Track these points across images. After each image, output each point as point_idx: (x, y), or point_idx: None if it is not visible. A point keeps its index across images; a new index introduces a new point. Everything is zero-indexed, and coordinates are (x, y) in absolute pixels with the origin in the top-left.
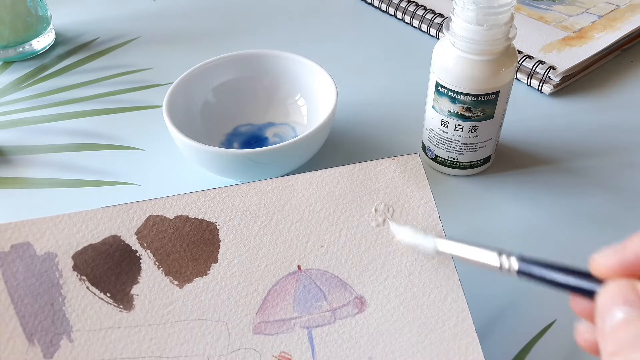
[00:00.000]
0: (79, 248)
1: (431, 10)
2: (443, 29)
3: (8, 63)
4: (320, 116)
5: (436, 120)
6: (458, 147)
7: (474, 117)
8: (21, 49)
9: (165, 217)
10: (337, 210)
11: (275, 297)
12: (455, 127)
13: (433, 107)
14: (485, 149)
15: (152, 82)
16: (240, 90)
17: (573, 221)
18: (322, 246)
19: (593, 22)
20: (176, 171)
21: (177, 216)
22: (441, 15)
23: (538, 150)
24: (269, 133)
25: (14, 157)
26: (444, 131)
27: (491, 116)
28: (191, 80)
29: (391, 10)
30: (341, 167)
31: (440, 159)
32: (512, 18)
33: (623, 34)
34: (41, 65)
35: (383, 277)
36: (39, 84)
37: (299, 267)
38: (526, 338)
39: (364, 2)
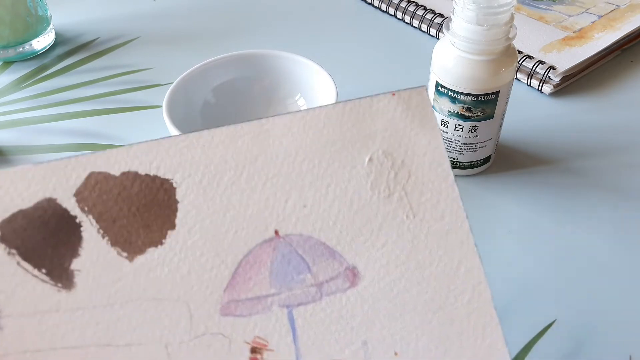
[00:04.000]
0: (7, 215)
1: (431, 10)
2: (443, 29)
3: (8, 63)
4: None
5: (436, 120)
6: (458, 147)
7: (474, 117)
8: (21, 49)
9: (109, 174)
10: (323, 161)
11: (248, 270)
12: (455, 127)
13: (433, 107)
14: (485, 149)
15: (152, 82)
16: (241, 90)
17: (573, 220)
18: (304, 206)
19: (593, 22)
20: None
21: (123, 172)
22: (441, 15)
23: (538, 150)
24: None
25: (14, 157)
26: (444, 131)
27: (491, 116)
28: (191, 80)
29: (391, 11)
30: (328, 105)
31: None
32: (512, 18)
33: (623, 34)
34: (41, 65)
35: (380, 243)
36: (39, 84)
37: (276, 232)
38: (526, 338)
39: (364, 2)
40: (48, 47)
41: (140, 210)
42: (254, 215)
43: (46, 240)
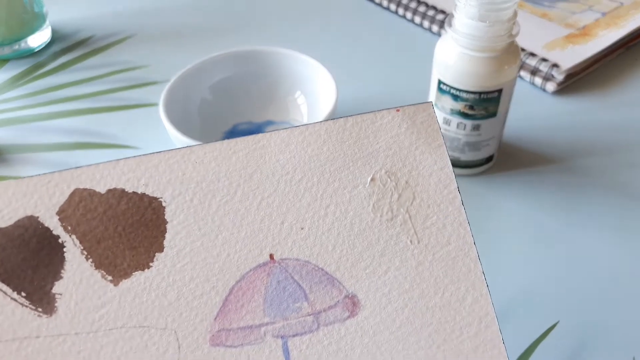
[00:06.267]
0: None
1: (433, 7)
2: (445, 25)
3: (3, 61)
4: (321, 114)
5: (438, 118)
6: (461, 145)
7: (476, 115)
8: (17, 47)
9: (94, 191)
10: (322, 180)
11: (240, 296)
12: (458, 125)
13: (435, 104)
14: (488, 148)
15: (149, 79)
16: (239, 88)
17: (576, 220)
18: (302, 228)
19: (597, 19)
20: None
21: (110, 190)
22: (443, 12)
23: (541, 149)
24: (268, 131)
25: (10, 156)
26: (446, 129)
27: (494, 114)
28: (189, 77)
29: (392, 7)
30: (329, 121)
31: None
32: (515, 14)
33: (627, 32)
34: (37, 63)
35: (382, 270)
36: (35, 82)
37: (271, 256)
38: (529, 339)
39: None
40: (44, 44)
41: (127, 230)
42: (248, 237)
43: (26, 261)
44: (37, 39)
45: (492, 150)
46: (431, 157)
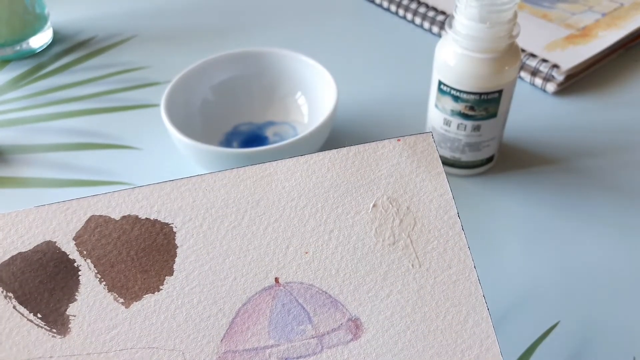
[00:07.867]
0: (6, 258)
1: (433, 8)
2: (445, 26)
3: (5, 62)
4: (321, 115)
5: (439, 119)
6: (461, 146)
7: (477, 115)
8: (18, 48)
9: (109, 217)
10: (326, 206)
11: (246, 319)
12: (458, 126)
13: (436, 105)
14: (489, 149)
15: (150, 80)
16: (240, 89)
17: (577, 221)
18: (306, 252)
19: (597, 20)
20: (174, 171)
21: (124, 216)
22: (443, 13)
23: (541, 149)
24: (269, 132)
25: (11, 157)
26: (446, 130)
27: (494, 115)
28: (190, 78)
29: (393, 8)
30: (332, 150)
31: (443, 158)
32: (515, 15)
33: (627, 33)
34: (38, 63)
35: (385, 293)
36: (36, 82)
37: (276, 280)
38: (530, 340)
39: (365, 0)
40: (46, 45)
41: (139, 254)
42: (254, 261)
43: (43, 284)
44: (39, 40)
45: (493, 150)
46: (431, 184)
